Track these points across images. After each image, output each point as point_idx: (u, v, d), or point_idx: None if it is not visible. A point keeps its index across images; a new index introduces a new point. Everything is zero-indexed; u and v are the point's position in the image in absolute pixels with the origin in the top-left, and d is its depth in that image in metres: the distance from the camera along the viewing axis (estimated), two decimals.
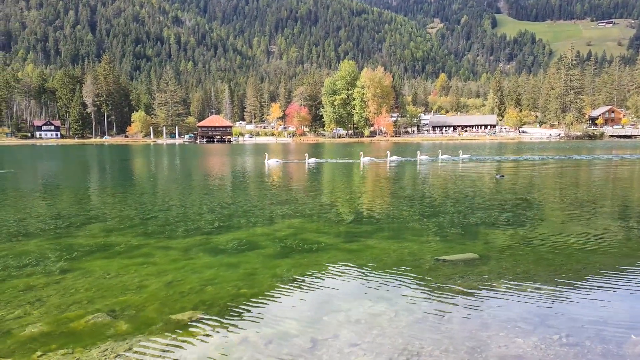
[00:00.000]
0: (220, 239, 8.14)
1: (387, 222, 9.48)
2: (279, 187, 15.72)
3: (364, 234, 8.49)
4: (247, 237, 8.32)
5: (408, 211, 10.64)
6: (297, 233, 8.62)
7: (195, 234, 8.60)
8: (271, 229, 8.98)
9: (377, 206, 11.52)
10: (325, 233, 8.60)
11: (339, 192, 14.48)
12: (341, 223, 9.46)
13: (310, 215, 10.28)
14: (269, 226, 9.22)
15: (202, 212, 10.68)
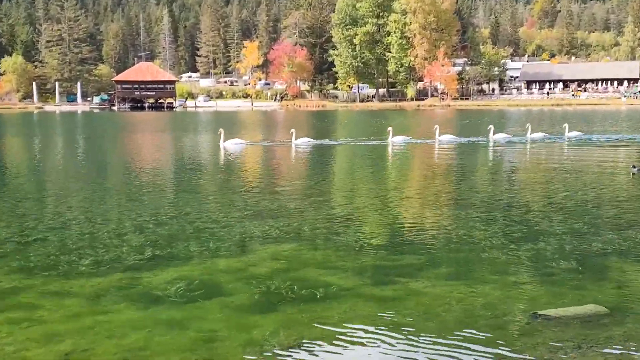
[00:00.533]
0: (156, 279, 8.24)
1: (445, 250, 9.56)
2: (255, 189, 15.92)
3: (404, 271, 8.56)
4: (201, 274, 8.42)
5: (481, 231, 10.72)
6: (288, 268, 8.71)
7: (112, 269, 8.70)
8: (244, 260, 9.08)
9: (426, 222, 11.60)
10: (337, 268, 8.68)
11: (357, 196, 14.62)
12: (364, 251, 9.56)
13: (310, 238, 10.40)
14: (241, 256, 9.32)
15: (123, 232, 10.80)
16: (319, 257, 9.25)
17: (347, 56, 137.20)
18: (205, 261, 9.05)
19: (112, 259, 9.18)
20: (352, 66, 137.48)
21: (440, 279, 8.17)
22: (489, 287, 7.81)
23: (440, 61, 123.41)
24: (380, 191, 15.54)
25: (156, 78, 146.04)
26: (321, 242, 10.09)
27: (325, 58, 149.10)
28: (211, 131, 43.73)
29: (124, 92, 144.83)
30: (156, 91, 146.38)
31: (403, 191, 15.59)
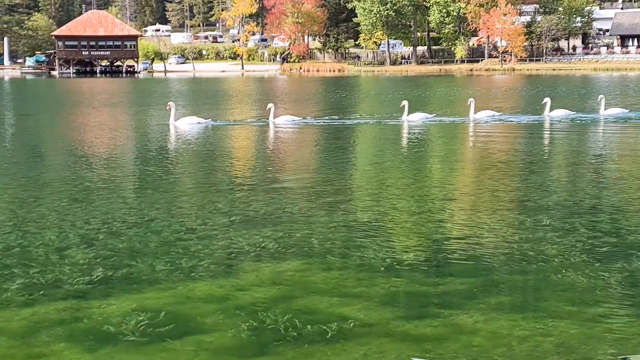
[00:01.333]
0: (109, 309, 8.31)
1: (504, 272, 9.57)
2: (242, 184, 16.08)
3: (448, 300, 8.59)
4: (170, 304, 8.48)
5: (555, 245, 10.74)
6: (289, 295, 8.76)
7: (49, 296, 8.76)
8: (229, 284, 9.15)
9: (478, 232, 11.62)
10: (356, 296, 8.72)
11: (382, 196, 14.68)
12: (393, 272, 9.59)
13: (319, 253, 10.46)
14: (224, 278, 9.39)
15: (64, 245, 10.91)
16: (331, 280, 9.30)
17: (374, 1, 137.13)
18: (176, 285, 9.10)
19: (49, 282, 9.25)
20: (379, 16, 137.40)
21: (497, 311, 8.17)
22: (564, 323, 7.81)
23: (502, 8, 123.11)
24: (413, 188, 15.61)
25: (112, 32, 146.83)
26: (334, 260, 10.13)
27: (343, 4, 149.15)
28: (182, 106, 44.04)
29: (67, 52, 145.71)
30: (111, 50, 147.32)
31: (444, 188, 15.68)
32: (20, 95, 66.92)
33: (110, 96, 60.62)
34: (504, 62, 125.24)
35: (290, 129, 29.66)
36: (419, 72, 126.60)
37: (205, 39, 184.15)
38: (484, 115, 32.21)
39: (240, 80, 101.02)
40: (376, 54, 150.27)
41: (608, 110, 32.62)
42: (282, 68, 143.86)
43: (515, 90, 62.94)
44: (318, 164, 20.09)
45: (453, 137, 27.00)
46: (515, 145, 24.30)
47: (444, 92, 60.39)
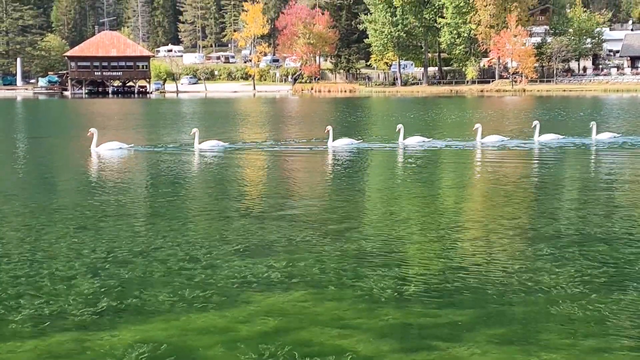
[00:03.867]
0: (112, 340, 8.37)
1: (502, 302, 9.62)
2: (246, 211, 16.08)
3: (445, 331, 8.63)
4: (173, 334, 8.55)
5: (553, 275, 10.79)
6: (289, 326, 8.81)
7: (54, 326, 8.85)
8: (230, 315, 9.22)
9: (477, 262, 11.67)
10: (355, 327, 8.76)
11: (383, 224, 14.68)
12: (392, 303, 9.64)
13: (320, 284, 10.53)
14: (226, 309, 9.45)
15: (70, 275, 11.00)
16: (331, 311, 9.36)
17: (385, 23, 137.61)
18: (179, 316, 9.18)
19: (54, 312, 9.33)
20: (391, 37, 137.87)
21: (495, 343, 8.23)
22: (560, 356, 7.87)
23: (512, 30, 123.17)
24: (414, 217, 15.59)
25: (124, 53, 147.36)
26: (334, 290, 10.20)
27: (355, 26, 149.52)
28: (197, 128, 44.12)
29: (79, 72, 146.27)
30: (124, 71, 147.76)
31: (446, 216, 15.61)
32: (32, 116, 67.20)
33: (121, 118, 60.80)
34: (514, 83, 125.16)
35: (215, 155, 28.60)
36: (429, 93, 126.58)
37: (217, 59, 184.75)
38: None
39: (251, 102, 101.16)
40: (387, 74, 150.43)
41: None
42: (294, 89, 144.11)
43: (523, 112, 62.86)
44: (303, 189, 20.13)
45: (456, 163, 26.93)
46: (515, 171, 24.24)
47: (455, 115, 60.37)
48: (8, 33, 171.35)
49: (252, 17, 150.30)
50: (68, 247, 12.65)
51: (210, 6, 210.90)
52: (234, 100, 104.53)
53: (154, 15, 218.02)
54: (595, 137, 31.95)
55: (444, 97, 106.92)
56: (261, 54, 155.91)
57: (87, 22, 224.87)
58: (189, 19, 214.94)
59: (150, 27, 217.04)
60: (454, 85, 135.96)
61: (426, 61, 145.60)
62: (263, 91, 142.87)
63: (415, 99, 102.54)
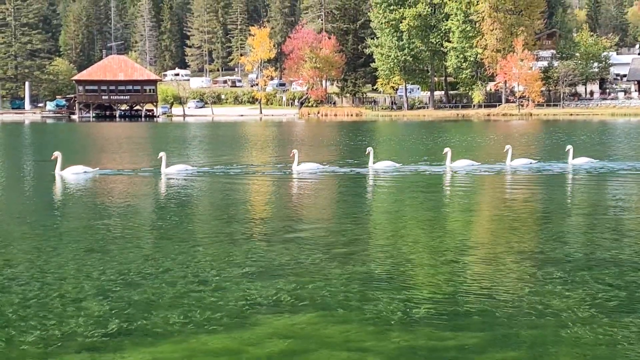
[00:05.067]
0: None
1: (512, 325, 9.63)
2: (256, 234, 16.09)
3: (457, 354, 8.64)
4: (184, 356, 8.60)
5: (564, 298, 10.83)
6: (300, 348, 8.86)
7: (64, 348, 8.89)
8: (241, 337, 9.25)
9: (488, 285, 11.68)
10: (367, 350, 8.81)
11: (394, 247, 14.69)
12: (403, 324, 9.66)
13: (331, 306, 10.54)
14: (237, 331, 9.48)
15: (81, 297, 11.04)
16: (339, 333, 9.38)
17: (391, 47, 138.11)
18: (188, 338, 9.21)
19: (65, 334, 9.38)
20: (397, 61, 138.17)
21: None
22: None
23: (519, 54, 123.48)
24: (424, 239, 15.62)
25: (131, 77, 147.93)
26: (346, 312, 10.22)
27: (361, 50, 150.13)
28: (202, 150, 44.03)
29: (87, 96, 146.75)
30: (131, 94, 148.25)
31: (455, 239, 15.64)
32: (40, 140, 67.44)
33: (129, 141, 61.01)
34: (521, 107, 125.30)
35: (182, 180, 28.12)
36: (436, 116, 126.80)
37: (224, 83, 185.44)
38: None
39: (258, 126, 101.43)
40: (393, 98, 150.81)
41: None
42: (300, 112, 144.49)
43: (533, 136, 62.94)
44: (306, 212, 20.18)
45: (490, 186, 26.96)
46: (521, 195, 24.27)
47: (465, 139, 60.48)
48: (17, 57, 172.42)
49: (259, 41, 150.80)
50: (77, 269, 12.69)
51: (217, 30, 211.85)
52: (240, 124, 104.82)
53: (161, 40, 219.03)
54: (571, 161, 31.80)
55: (450, 121, 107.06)
56: (268, 77, 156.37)
57: (94, 46, 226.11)
58: (196, 43, 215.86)
59: (157, 51, 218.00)
60: (461, 109, 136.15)
61: (432, 85, 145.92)
62: (270, 115, 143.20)
63: (421, 123, 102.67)
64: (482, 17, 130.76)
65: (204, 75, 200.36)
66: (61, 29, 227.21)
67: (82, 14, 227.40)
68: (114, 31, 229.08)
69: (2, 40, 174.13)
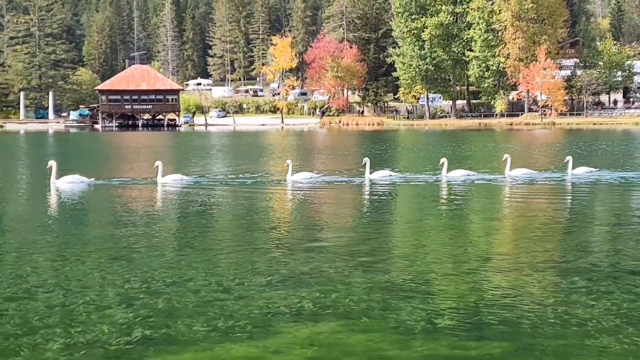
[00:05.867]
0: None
1: (538, 335, 9.59)
2: (279, 243, 16.11)
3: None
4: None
5: (588, 308, 10.77)
6: (325, 357, 8.88)
7: (89, 355, 8.94)
8: (265, 345, 9.28)
9: (513, 294, 11.63)
10: (392, 359, 8.81)
11: (418, 256, 14.67)
12: (429, 333, 9.64)
13: (356, 314, 10.53)
14: (261, 339, 9.51)
15: (105, 304, 11.10)
16: (362, 342, 9.37)
17: (413, 56, 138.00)
18: (213, 346, 9.25)
19: (89, 341, 9.44)
20: (419, 70, 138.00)
21: None
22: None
23: (542, 63, 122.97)
24: (447, 249, 15.58)
25: (154, 86, 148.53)
26: (368, 321, 10.21)
27: (383, 59, 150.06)
28: (228, 159, 44.07)
29: (110, 106, 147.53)
30: (154, 104, 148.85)
31: (479, 248, 15.61)
32: (63, 149, 67.85)
33: (152, 150, 61.27)
34: (544, 116, 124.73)
35: (178, 189, 28.05)
36: (458, 126, 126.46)
37: (245, 92, 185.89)
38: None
39: (279, 135, 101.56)
40: (415, 107, 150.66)
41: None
42: (322, 122, 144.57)
43: (550, 145, 62.66)
44: (340, 222, 20.17)
45: (487, 196, 26.83)
46: (544, 205, 24.14)
47: (477, 148, 60.31)
48: (41, 67, 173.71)
49: (281, 50, 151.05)
50: (101, 277, 12.76)
51: (239, 40, 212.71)
52: (261, 133, 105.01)
53: (184, 49, 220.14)
54: (571, 172, 31.37)
55: (472, 130, 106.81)
56: (289, 87, 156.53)
57: (117, 56, 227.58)
58: (218, 53, 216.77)
59: (179, 61, 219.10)
60: (483, 119, 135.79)
61: (454, 94, 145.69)
62: (291, 124, 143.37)
63: (443, 132, 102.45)
64: (504, 26, 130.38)
65: (226, 85, 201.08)
66: (84, 39, 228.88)
67: (105, 24, 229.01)
68: (136, 41, 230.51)
69: (26, 50, 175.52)
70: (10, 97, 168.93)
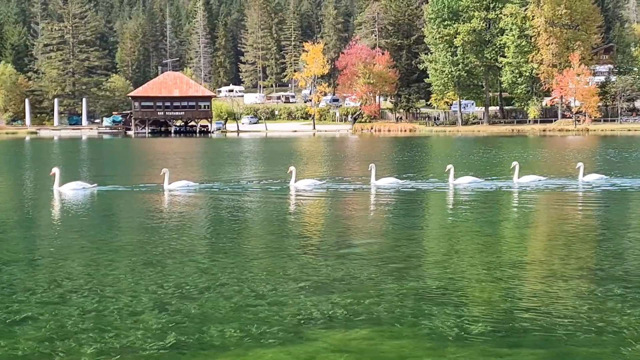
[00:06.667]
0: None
1: (574, 342, 9.55)
2: (311, 249, 16.12)
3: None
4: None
5: (625, 316, 10.67)
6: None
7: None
8: (298, 351, 9.32)
9: (548, 301, 11.57)
10: None
11: (452, 262, 14.63)
12: (463, 340, 9.62)
13: (389, 320, 10.53)
14: (293, 344, 9.54)
15: (138, 310, 11.18)
16: (395, 348, 9.38)
17: (445, 62, 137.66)
18: (246, 352, 9.30)
19: (123, 346, 9.52)
20: (451, 76, 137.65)
21: None
22: None
23: (575, 69, 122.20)
24: (481, 255, 15.52)
25: (186, 93, 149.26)
26: (401, 328, 10.21)
27: (415, 65, 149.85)
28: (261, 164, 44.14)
29: (143, 112, 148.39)
30: (186, 111, 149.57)
31: (512, 255, 15.52)
32: (96, 155, 68.43)
33: (185, 156, 61.61)
34: (577, 123, 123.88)
35: (183, 195, 27.99)
36: (490, 132, 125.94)
37: (277, 99, 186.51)
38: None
39: (311, 141, 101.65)
40: (447, 114, 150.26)
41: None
42: (354, 128, 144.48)
43: (582, 152, 62.19)
44: (369, 228, 20.14)
45: (517, 203, 26.63)
46: (573, 212, 23.94)
47: (505, 154, 60.02)
48: (74, 74, 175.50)
49: (313, 57, 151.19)
50: (134, 282, 12.85)
51: (271, 47, 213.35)
52: (293, 140, 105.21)
53: (216, 56, 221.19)
54: (582, 179, 30.93)
55: (505, 137, 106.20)
56: (321, 93, 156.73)
57: (150, 63, 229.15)
58: (250, 60, 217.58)
59: (212, 68, 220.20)
60: (516, 125, 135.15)
61: (487, 100, 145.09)
62: (323, 130, 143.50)
63: (475, 139, 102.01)
64: (537, 32, 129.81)
65: (258, 91, 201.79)
66: (118, 46, 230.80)
67: (139, 31, 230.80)
68: (169, 48, 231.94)
69: (60, 57, 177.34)
70: (45, 103, 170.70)
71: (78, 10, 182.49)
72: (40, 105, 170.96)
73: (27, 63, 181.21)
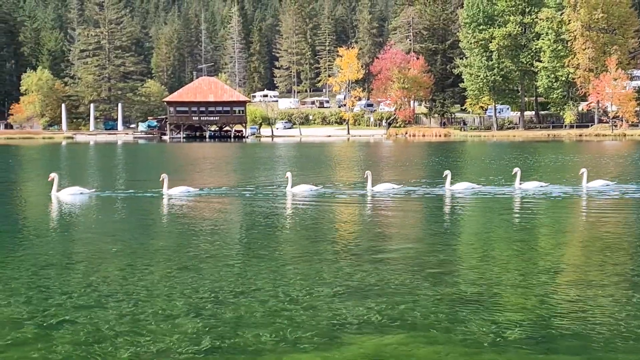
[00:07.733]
0: None
1: (611, 349, 9.48)
2: (344, 254, 16.12)
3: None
4: None
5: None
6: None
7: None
8: (333, 356, 9.34)
9: (586, 307, 11.49)
10: None
11: (487, 268, 14.56)
12: (500, 346, 9.59)
13: (424, 326, 10.51)
14: (328, 349, 9.56)
15: (174, 314, 11.25)
16: (430, 354, 9.37)
17: (480, 67, 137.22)
18: (282, 356, 9.32)
19: (159, 350, 9.59)
20: (486, 81, 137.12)
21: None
22: None
23: (612, 73, 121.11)
24: (516, 261, 15.43)
25: (221, 98, 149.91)
26: (436, 333, 10.19)
27: (450, 70, 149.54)
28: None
29: (178, 117, 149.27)
30: (221, 115, 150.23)
31: (549, 261, 15.41)
32: (132, 159, 68.97)
33: (220, 161, 61.86)
34: (614, 128, 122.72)
35: (184, 201, 27.73)
36: (526, 137, 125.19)
37: (311, 104, 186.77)
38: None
39: (345, 146, 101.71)
40: (483, 118, 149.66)
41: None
42: (388, 133, 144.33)
43: (617, 157, 61.60)
44: (398, 233, 20.11)
45: (558, 208, 26.40)
46: (613, 219, 23.67)
47: (547, 159, 59.58)
48: (110, 79, 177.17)
49: (347, 62, 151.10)
50: (169, 286, 12.92)
51: (306, 52, 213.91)
52: (327, 144, 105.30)
53: (251, 61, 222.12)
54: (585, 184, 30.63)
55: (540, 142, 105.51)
56: (355, 98, 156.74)
57: (185, 68, 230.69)
58: (285, 65, 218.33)
59: (246, 73, 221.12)
60: (552, 130, 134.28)
61: (523, 105, 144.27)
62: (357, 135, 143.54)
63: (510, 144, 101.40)
64: (574, 36, 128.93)
65: (292, 96, 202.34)
66: (153, 51, 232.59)
67: (174, 36, 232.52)
68: (204, 53, 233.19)
69: (96, 62, 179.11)
70: (81, 108, 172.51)
71: (114, 16, 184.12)
72: (76, 111, 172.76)
73: (64, 68, 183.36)
